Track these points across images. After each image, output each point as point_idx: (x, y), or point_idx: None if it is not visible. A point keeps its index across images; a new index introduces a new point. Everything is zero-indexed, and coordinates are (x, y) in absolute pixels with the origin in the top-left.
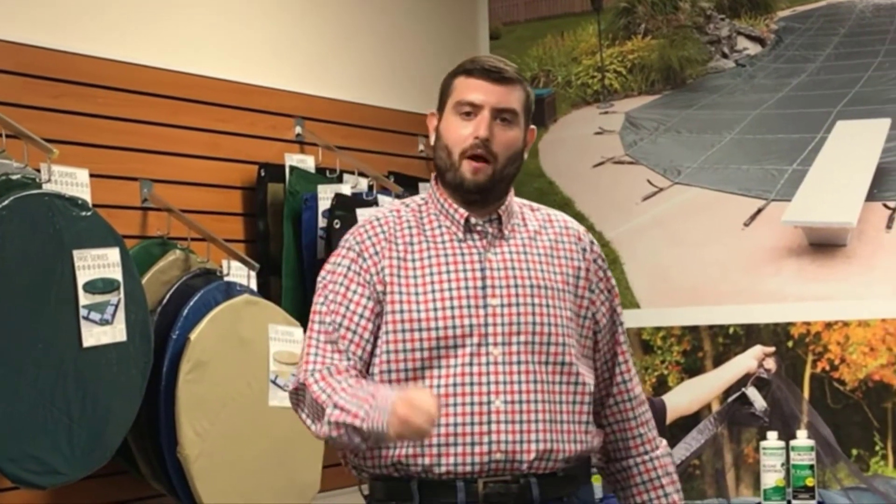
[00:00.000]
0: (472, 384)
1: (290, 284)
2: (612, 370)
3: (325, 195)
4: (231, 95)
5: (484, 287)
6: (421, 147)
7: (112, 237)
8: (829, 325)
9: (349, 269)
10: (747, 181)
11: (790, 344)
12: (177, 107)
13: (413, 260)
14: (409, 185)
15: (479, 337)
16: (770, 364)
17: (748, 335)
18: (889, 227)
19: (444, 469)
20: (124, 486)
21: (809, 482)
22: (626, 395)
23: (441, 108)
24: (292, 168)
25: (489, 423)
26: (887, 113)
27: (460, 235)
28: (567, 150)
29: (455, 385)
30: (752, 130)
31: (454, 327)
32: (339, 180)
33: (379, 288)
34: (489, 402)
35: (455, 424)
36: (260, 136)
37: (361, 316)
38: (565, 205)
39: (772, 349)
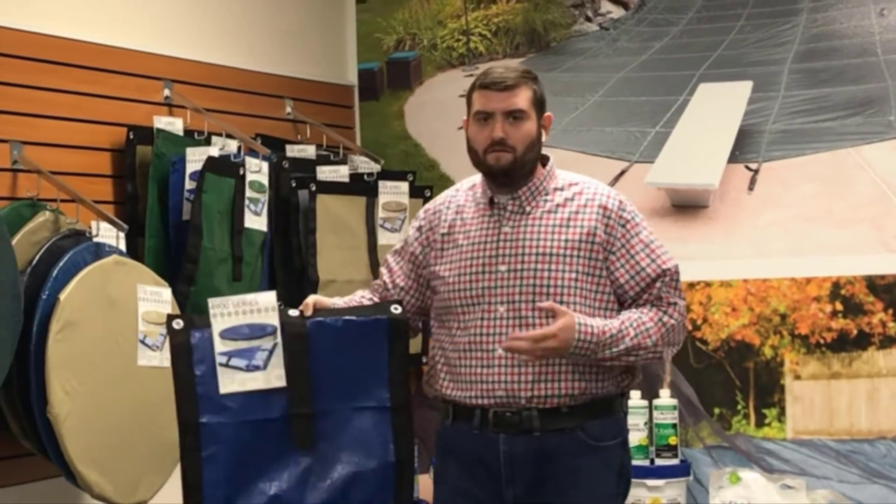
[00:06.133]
0: (482, 335)
1: (153, 244)
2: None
3: (194, 158)
4: (100, 58)
5: (496, 256)
6: (288, 109)
7: None
8: (691, 286)
9: (408, 237)
10: (611, 143)
11: None
12: (46, 69)
13: (452, 233)
14: (276, 147)
15: (489, 297)
16: None
17: None
18: (751, 188)
19: (466, 400)
20: None
21: (672, 441)
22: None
23: (469, 115)
24: (159, 131)
25: (493, 367)
26: (749, 76)
27: (487, 212)
28: (432, 112)
29: (472, 335)
30: (615, 93)
31: (470, 289)
32: (208, 143)
33: (421, 254)
34: (493, 350)
35: (471, 367)
36: (129, 98)
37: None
38: (431, 166)
39: None
